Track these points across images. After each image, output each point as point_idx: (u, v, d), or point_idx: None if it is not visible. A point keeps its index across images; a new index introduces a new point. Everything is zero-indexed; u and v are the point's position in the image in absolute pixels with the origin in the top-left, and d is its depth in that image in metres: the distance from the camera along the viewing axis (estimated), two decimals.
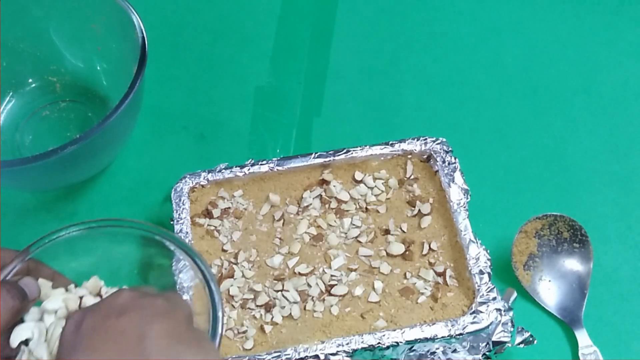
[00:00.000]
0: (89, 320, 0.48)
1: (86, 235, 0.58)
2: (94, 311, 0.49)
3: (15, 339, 0.52)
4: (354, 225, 0.68)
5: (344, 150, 0.70)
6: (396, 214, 0.69)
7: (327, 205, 0.69)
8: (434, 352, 0.62)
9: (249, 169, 0.70)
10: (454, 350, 0.62)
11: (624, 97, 0.80)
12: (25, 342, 0.53)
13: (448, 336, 0.61)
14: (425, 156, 0.71)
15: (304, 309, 0.64)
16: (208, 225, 0.68)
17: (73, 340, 0.47)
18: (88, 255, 0.61)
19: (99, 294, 0.58)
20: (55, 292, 0.57)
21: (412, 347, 0.61)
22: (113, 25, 0.72)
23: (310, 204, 0.69)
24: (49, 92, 0.79)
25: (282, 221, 0.68)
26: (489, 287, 0.63)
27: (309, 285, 0.65)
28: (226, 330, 0.62)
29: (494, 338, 0.62)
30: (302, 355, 0.60)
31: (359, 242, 0.67)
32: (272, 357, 0.60)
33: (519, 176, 0.76)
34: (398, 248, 0.66)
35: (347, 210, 0.69)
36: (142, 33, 0.69)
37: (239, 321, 0.63)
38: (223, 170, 0.70)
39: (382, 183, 0.70)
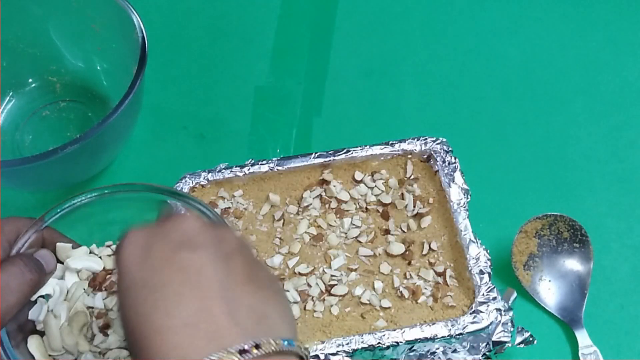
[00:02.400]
0: (159, 248, 0.42)
1: (101, 202, 0.56)
2: (160, 238, 0.43)
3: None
4: (354, 225, 0.68)
5: (344, 150, 0.70)
6: (396, 214, 0.69)
7: (327, 205, 0.69)
8: (434, 352, 0.62)
9: (249, 169, 0.70)
10: (454, 350, 0.62)
11: (624, 97, 0.80)
12: (42, 297, 0.53)
13: (448, 336, 0.61)
14: (425, 156, 0.71)
15: (304, 309, 0.64)
16: None
17: (141, 272, 0.41)
18: (104, 222, 0.58)
19: None
20: (78, 251, 0.56)
21: (412, 347, 0.61)
22: (113, 25, 0.72)
23: (310, 204, 0.69)
24: (49, 92, 0.79)
25: (282, 221, 0.68)
26: (489, 287, 0.63)
27: (309, 285, 0.65)
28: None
29: (494, 338, 0.62)
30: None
31: (359, 242, 0.67)
32: None
33: (519, 176, 0.76)
34: (398, 248, 0.66)
35: (347, 210, 0.69)
36: (142, 33, 0.69)
37: None
38: (223, 170, 0.70)
39: (382, 183, 0.70)
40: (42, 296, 0.53)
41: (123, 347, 0.54)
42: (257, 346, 0.39)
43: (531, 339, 0.62)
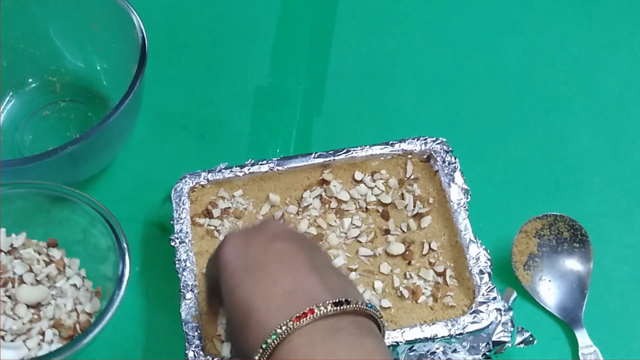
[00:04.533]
0: (257, 240, 0.50)
1: None
2: (257, 232, 0.51)
3: None
4: (354, 225, 0.68)
5: (344, 150, 0.70)
6: (396, 214, 0.69)
7: (327, 205, 0.69)
8: (434, 352, 0.62)
9: (249, 169, 0.70)
10: (454, 350, 0.62)
11: (624, 97, 0.80)
12: None
13: (448, 336, 0.61)
14: (425, 156, 0.71)
15: None
16: (208, 225, 0.68)
17: (244, 256, 0.50)
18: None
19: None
20: None
21: (412, 347, 0.61)
22: (113, 25, 0.72)
23: (310, 204, 0.69)
24: (49, 92, 0.79)
25: (282, 221, 0.68)
26: (489, 287, 0.63)
27: None
28: (226, 330, 0.63)
29: (494, 338, 0.62)
30: None
31: (359, 242, 0.67)
32: None
33: (519, 176, 0.75)
34: (398, 248, 0.66)
35: (347, 210, 0.69)
36: (142, 33, 0.69)
37: None
38: (223, 170, 0.70)
39: (382, 183, 0.70)
40: None
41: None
42: (347, 302, 0.47)
43: (531, 339, 0.62)
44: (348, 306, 0.47)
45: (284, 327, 0.45)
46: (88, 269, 0.67)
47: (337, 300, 0.47)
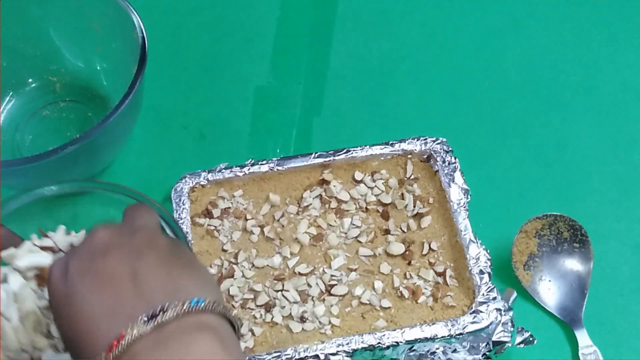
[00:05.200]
0: (75, 264, 0.46)
1: (52, 199, 0.59)
2: (76, 255, 0.46)
3: None
4: (354, 225, 0.68)
5: (344, 150, 0.70)
6: (396, 214, 0.69)
7: (327, 205, 0.69)
8: (434, 352, 0.62)
9: (249, 169, 0.70)
10: (454, 350, 0.62)
11: (624, 97, 0.80)
12: None
13: (448, 336, 0.61)
14: (425, 156, 0.71)
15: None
16: (208, 225, 0.68)
17: (64, 288, 0.45)
18: (50, 219, 0.60)
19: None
20: (22, 249, 0.56)
21: (412, 347, 0.61)
22: (113, 25, 0.72)
23: (310, 204, 0.69)
24: (49, 92, 0.79)
25: (282, 221, 0.68)
26: (489, 287, 0.63)
27: (309, 285, 0.65)
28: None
29: (494, 338, 0.62)
30: (302, 355, 0.60)
31: (359, 242, 0.67)
32: (272, 357, 0.60)
33: (519, 176, 0.75)
34: (398, 248, 0.66)
35: (347, 210, 0.69)
36: (142, 33, 0.69)
37: (239, 321, 0.63)
38: (223, 170, 0.70)
39: (382, 183, 0.70)
40: None
41: None
42: (163, 310, 0.42)
43: (531, 339, 0.62)
44: (165, 315, 0.42)
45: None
46: None
47: (149, 315, 0.42)
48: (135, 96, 0.66)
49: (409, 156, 0.71)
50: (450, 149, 0.70)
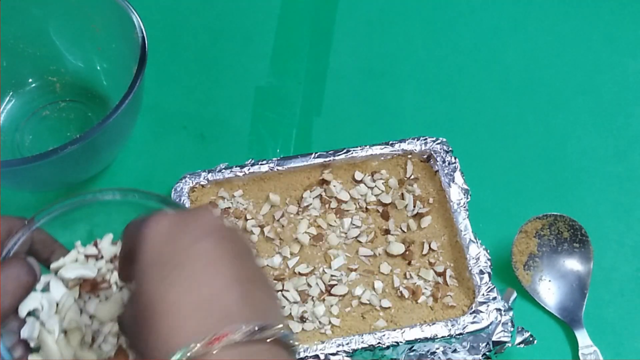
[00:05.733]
0: (184, 234, 0.44)
1: (94, 205, 0.56)
2: (186, 224, 0.45)
3: (23, 309, 0.50)
4: (354, 225, 0.68)
5: (344, 150, 0.70)
6: (396, 214, 0.69)
7: (327, 205, 0.69)
8: (434, 352, 0.62)
9: (249, 169, 0.70)
10: (454, 350, 0.62)
11: (624, 97, 0.80)
12: (31, 314, 0.51)
13: (448, 336, 0.61)
14: (425, 156, 0.71)
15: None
16: None
17: (166, 247, 0.43)
18: (96, 226, 0.58)
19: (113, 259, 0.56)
20: (67, 259, 0.54)
21: (412, 347, 0.61)
22: (113, 25, 0.72)
23: (310, 204, 0.69)
24: (49, 92, 0.79)
25: (282, 221, 0.68)
26: (489, 287, 0.63)
27: (309, 285, 0.65)
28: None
29: (494, 338, 0.62)
30: (302, 355, 0.60)
31: (359, 242, 0.67)
32: None
33: (519, 176, 0.75)
34: (398, 248, 0.66)
35: (347, 210, 0.69)
36: (142, 33, 0.69)
37: None
38: (223, 170, 0.70)
39: (382, 183, 0.70)
40: (29, 313, 0.52)
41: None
42: (262, 328, 0.41)
43: (531, 339, 0.62)
44: (265, 333, 0.41)
45: (193, 348, 0.40)
46: None
47: (254, 328, 0.41)
48: (135, 96, 0.66)
49: (409, 156, 0.71)
50: (450, 149, 0.70)
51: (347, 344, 0.61)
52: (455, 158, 0.69)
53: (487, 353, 0.62)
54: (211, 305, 0.42)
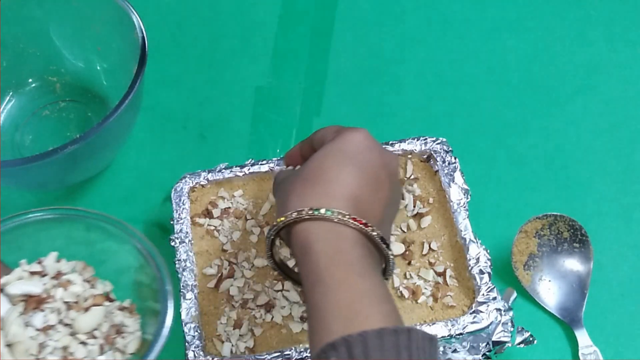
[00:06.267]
0: (382, 162, 0.56)
1: (34, 224, 0.60)
2: (386, 155, 0.58)
3: None
4: None
5: None
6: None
7: None
8: None
9: (249, 169, 0.70)
10: (454, 350, 0.62)
11: (624, 97, 0.80)
12: None
13: (448, 336, 0.61)
14: (425, 156, 0.71)
15: None
16: (208, 225, 0.68)
17: (372, 153, 0.57)
18: (42, 244, 0.61)
19: (57, 275, 0.59)
20: (12, 276, 0.57)
21: None
22: (113, 25, 0.72)
23: None
24: (49, 92, 0.79)
25: None
26: (489, 287, 0.63)
27: None
28: (225, 330, 0.63)
29: (494, 338, 0.62)
30: (302, 355, 0.60)
31: None
32: (272, 357, 0.60)
33: (519, 176, 0.76)
34: (398, 248, 0.66)
35: None
36: (142, 33, 0.69)
37: (239, 321, 0.63)
38: (223, 170, 0.70)
39: None
40: None
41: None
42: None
43: (531, 339, 0.62)
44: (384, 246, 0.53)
45: (336, 212, 0.50)
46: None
47: (380, 236, 0.52)
48: (135, 96, 0.66)
49: (409, 156, 0.71)
50: (450, 149, 0.70)
51: None
52: (455, 158, 0.69)
53: (487, 353, 0.62)
54: (360, 202, 0.53)
